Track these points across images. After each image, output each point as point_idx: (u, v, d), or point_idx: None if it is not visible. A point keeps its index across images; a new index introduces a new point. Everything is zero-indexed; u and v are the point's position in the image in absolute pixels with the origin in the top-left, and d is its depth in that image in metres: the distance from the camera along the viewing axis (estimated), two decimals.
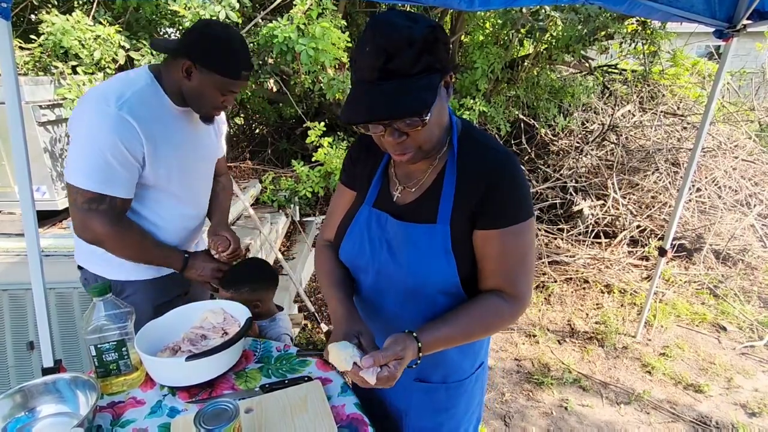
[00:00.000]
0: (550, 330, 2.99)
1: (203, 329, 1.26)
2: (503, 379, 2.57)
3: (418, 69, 0.77)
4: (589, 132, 4.67)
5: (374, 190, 1.01)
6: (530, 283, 0.94)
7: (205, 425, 0.87)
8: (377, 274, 0.99)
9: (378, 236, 0.97)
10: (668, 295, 3.29)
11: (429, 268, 0.90)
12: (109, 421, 1.08)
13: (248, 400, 1.10)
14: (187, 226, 1.52)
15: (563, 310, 3.19)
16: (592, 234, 3.88)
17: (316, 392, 1.11)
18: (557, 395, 2.45)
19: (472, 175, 0.88)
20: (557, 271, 3.55)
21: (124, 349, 1.14)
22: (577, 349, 2.82)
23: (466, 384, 1.07)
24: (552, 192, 4.22)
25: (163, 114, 1.32)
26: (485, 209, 0.87)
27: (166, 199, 1.40)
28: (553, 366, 2.66)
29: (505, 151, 0.89)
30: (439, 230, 0.89)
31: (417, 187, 0.95)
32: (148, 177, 1.32)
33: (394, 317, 1.01)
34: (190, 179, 1.45)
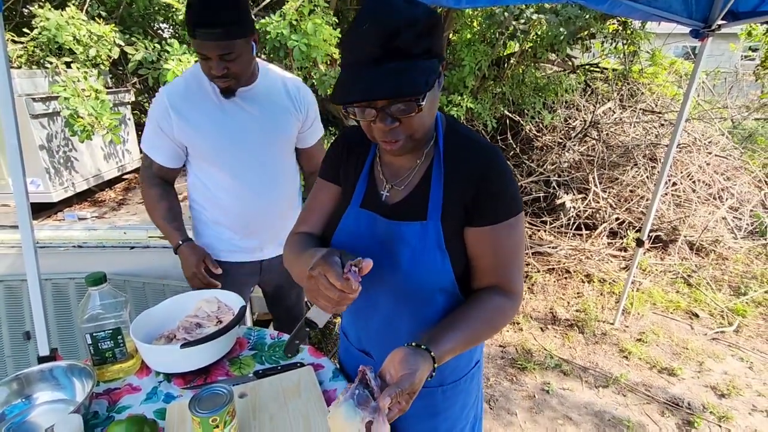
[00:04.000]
0: (533, 318, 3.03)
1: (198, 318, 1.26)
2: (488, 364, 2.60)
3: (420, 50, 0.73)
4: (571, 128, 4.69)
5: (360, 191, 0.95)
6: (522, 278, 0.91)
7: (200, 409, 0.87)
8: (369, 275, 0.88)
9: (368, 237, 0.91)
10: (645, 284, 3.34)
11: (424, 266, 0.86)
12: (105, 408, 1.07)
13: (242, 386, 1.10)
14: (241, 208, 1.48)
15: (546, 298, 3.22)
16: (574, 226, 3.91)
17: (309, 377, 1.11)
18: (539, 379, 2.49)
19: (461, 171, 0.85)
20: (540, 262, 3.58)
21: (119, 337, 1.13)
22: (559, 335, 2.86)
23: (461, 384, 1.03)
24: (536, 186, 4.24)
25: (200, 94, 1.39)
26: (477, 205, 0.84)
27: (218, 173, 1.44)
28: (535, 352, 2.70)
29: (491, 146, 0.87)
30: (431, 227, 0.86)
31: (405, 185, 0.91)
32: (194, 151, 1.42)
33: (390, 318, 0.96)
34: (241, 159, 1.42)
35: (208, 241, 1.55)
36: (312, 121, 1.54)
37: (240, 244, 1.54)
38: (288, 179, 1.54)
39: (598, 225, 3.93)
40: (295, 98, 1.47)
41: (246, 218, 1.50)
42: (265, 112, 1.43)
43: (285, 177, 1.53)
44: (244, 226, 1.51)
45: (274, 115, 1.45)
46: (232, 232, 1.52)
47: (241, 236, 1.53)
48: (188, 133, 1.39)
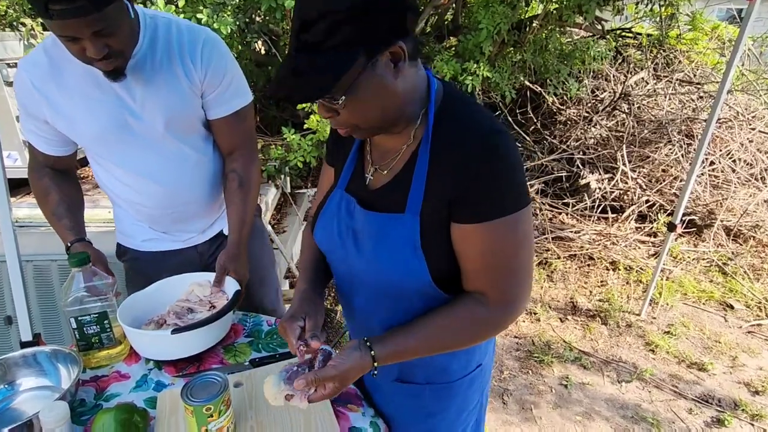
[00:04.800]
0: (552, 307, 3.04)
1: (189, 302, 1.27)
2: (503, 356, 2.63)
3: (332, 43, 0.70)
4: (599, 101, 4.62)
5: (348, 171, 0.95)
6: (522, 286, 0.84)
7: (193, 398, 0.89)
8: (346, 266, 0.94)
9: (346, 225, 0.90)
10: (675, 273, 3.34)
11: (395, 264, 0.83)
12: (92, 395, 1.09)
13: (237, 374, 1.12)
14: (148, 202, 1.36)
15: (566, 287, 3.23)
16: (599, 209, 3.89)
17: None
18: (558, 373, 2.51)
19: (447, 157, 0.79)
20: (561, 248, 3.58)
21: (106, 321, 1.14)
22: (580, 326, 2.87)
23: (456, 387, 1.01)
24: (558, 164, 4.21)
25: (67, 71, 1.19)
26: (461, 198, 0.78)
27: (111, 166, 1.33)
28: (554, 344, 2.72)
29: (490, 127, 0.78)
30: (407, 222, 0.82)
31: (389, 169, 0.88)
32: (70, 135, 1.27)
33: (367, 315, 0.97)
34: (131, 150, 1.27)
35: (126, 229, 1.48)
36: (218, 86, 1.27)
37: (161, 234, 1.45)
38: (204, 164, 1.36)
39: (625, 208, 3.90)
40: (190, 58, 1.22)
41: (156, 213, 1.40)
42: (151, 86, 1.20)
43: (196, 161, 1.34)
44: (157, 221, 1.42)
45: (165, 88, 1.21)
46: (149, 226, 1.45)
47: (160, 228, 1.45)
48: (59, 122, 1.24)
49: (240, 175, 1.38)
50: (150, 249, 1.48)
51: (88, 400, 1.08)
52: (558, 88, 4.44)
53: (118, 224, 1.52)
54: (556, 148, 4.28)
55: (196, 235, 1.48)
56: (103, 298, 1.13)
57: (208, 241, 1.51)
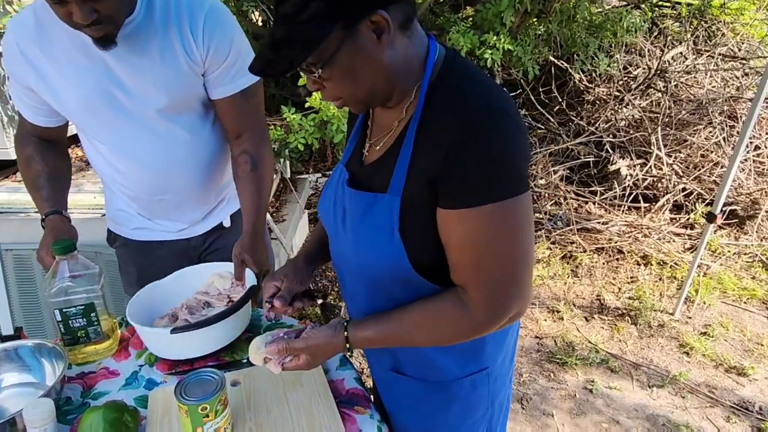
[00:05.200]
0: (577, 305, 3.04)
1: (208, 295, 1.29)
2: (521, 358, 2.63)
3: (307, 15, 0.73)
4: (631, 78, 4.57)
5: (350, 145, 1.00)
6: (511, 288, 0.82)
7: (188, 396, 0.90)
8: (336, 244, 1.00)
9: (340, 200, 0.95)
10: (714, 268, 3.32)
11: (373, 247, 0.86)
12: (79, 393, 1.11)
13: (235, 372, 1.13)
14: (139, 190, 1.37)
15: (592, 283, 3.23)
16: (630, 198, 3.86)
17: None
18: (582, 377, 2.52)
19: (433, 135, 0.80)
20: (587, 240, 3.57)
21: (93, 314, 1.16)
22: (607, 326, 2.87)
23: (453, 388, 1.01)
24: (585, 149, 4.18)
25: (55, 36, 1.18)
26: (443, 181, 0.78)
27: (99, 146, 1.33)
28: (578, 345, 2.72)
29: (485, 104, 0.77)
30: (386, 203, 0.84)
31: (381, 145, 0.91)
32: (53, 104, 1.27)
33: (354, 298, 1.02)
34: (122, 128, 1.26)
35: (116, 215, 1.49)
36: (222, 63, 1.24)
37: (151, 223, 1.46)
38: (199, 147, 1.34)
39: (659, 196, 3.88)
40: (191, 32, 1.19)
41: (144, 199, 1.40)
42: (144, 58, 1.18)
43: (189, 143, 1.31)
44: (145, 208, 1.43)
45: (159, 62, 1.19)
46: (138, 212, 1.45)
47: (151, 217, 1.45)
48: (43, 89, 1.23)
49: (252, 156, 1.35)
50: (140, 238, 1.49)
51: (74, 398, 1.10)
52: (586, 63, 4.39)
53: (109, 209, 1.53)
54: (583, 131, 4.24)
55: (188, 227, 1.48)
56: (89, 289, 1.15)
57: (203, 236, 1.51)
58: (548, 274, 3.30)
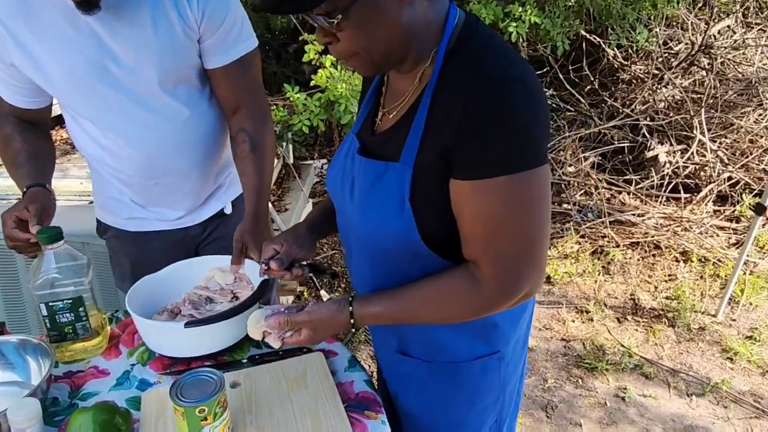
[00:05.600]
0: (608, 305, 3.03)
1: (208, 290, 1.30)
2: (547, 362, 2.64)
3: None
4: (672, 55, 4.51)
5: (363, 113, 1.04)
6: (524, 265, 0.86)
7: (185, 398, 0.91)
8: (343, 215, 1.05)
9: (349, 170, 0.99)
10: (762, 266, 3.28)
11: (381, 218, 0.90)
12: (66, 393, 1.13)
13: (234, 373, 1.14)
14: (129, 171, 1.37)
15: (626, 281, 3.22)
16: (669, 187, 3.84)
17: (318, 366, 1.14)
18: (613, 383, 2.51)
19: (449, 102, 0.83)
20: (621, 234, 3.55)
21: (81, 308, 1.17)
22: (641, 329, 2.86)
23: (462, 371, 1.05)
24: (619, 133, 4.15)
25: (38, 4, 1.19)
26: (457, 150, 0.82)
27: (87, 123, 1.33)
28: (609, 348, 2.72)
29: (503, 71, 0.81)
30: (399, 172, 0.87)
31: (395, 112, 0.94)
32: (39, 81, 1.27)
33: (359, 271, 1.07)
34: (111, 104, 1.27)
35: (106, 203, 1.49)
36: (218, 29, 1.26)
37: (146, 211, 1.47)
38: (196, 123, 1.36)
39: (702, 186, 3.85)
40: None
41: (136, 183, 1.40)
42: (136, 26, 1.19)
43: (185, 120, 1.33)
44: (138, 193, 1.43)
45: (152, 29, 1.20)
46: (131, 199, 1.45)
47: (146, 204, 1.46)
48: (27, 65, 1.23)
49: (250, 135, 1.38)
50: (134, 228, 1.50)
51: (61, 398, 1.11)
52: (622, 38, 4.34)
53: (98, 197, 1.54)
54: (618, 113, 4.20)
55: (185, 215, 1.49)
56: (77, 282, 1.16)
57: (202, 224, 1.52)
58: (577, 271, 3.29)
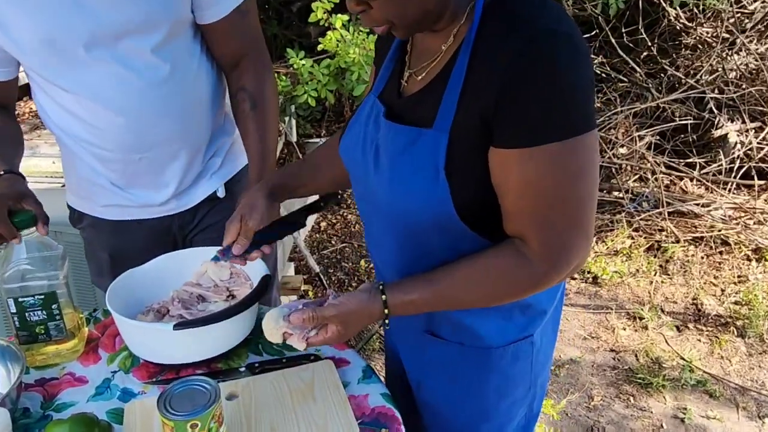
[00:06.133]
0: (666, 311, 3.02)
1: (201, 287, 1.30)
2: (593, 377, 2.63)
3: None
4: (746, 15, 4.42)
5: (384, 74, 1.08)
6: (575, 234, 0.91)
7: (174, 410, 0.91)
8: (365, 186, 1.08)
9: (371, 137, 1.03)
10: None
11: (412, 189, 0.94)
12: (39, 403, 1.14)
13: (231, 383, 1.14)
14: (109, 145, 1.38)
15: (687, 282, 3.20)
16: (740, 173, 3.81)
17: (328, 376, 1.14)
18: (671, 402, 2.50)
19: (488, 62, 0.86)
20: (681, 227, 3.53)
21: (54, 306, 1.18)
22: (705, 339, 2.85)
23: (493, 357, 1.10)
24: (681, 108, 4.10)
25: None
26: (499, 116, 0.85)
27: (60, 91, 1.34)
28: (667, 361, 2.71)
29: (545, 27, 0.84)
30: (433, 139, 0.91)
31: (425, 74, 0.97)
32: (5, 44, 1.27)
33: (383, 247, 1.12)
34: (90, 66, 1.28)
35: (80, 188, 1.51)
36: None
37: (127, 196, 1.47)
38: (186, 84, 1.37)
39: None
40: None
41: (117, 159, 1.40)
42: None
43: (175, 80, 1.35)
44: (119, 172, 1.43)
45: None
46: (110, 181, 1.45)
47: (126, 186, 1.46)
48: None
49: (251, 93, 1.43)
50: (113, 217, 1.51)
51: (33, 409, 1.12)
52: None
53: (70, 181, 1.55)
54: (680, 84, 4.16)
55: (172, 200, 1.49)
56: (51, 275, 1.17)
57: (192, 210, 1.52)
58: (629, 270, 3.27)
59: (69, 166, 1.52)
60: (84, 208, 1.54)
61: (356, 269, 3.36)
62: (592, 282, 3.23)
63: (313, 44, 3.48)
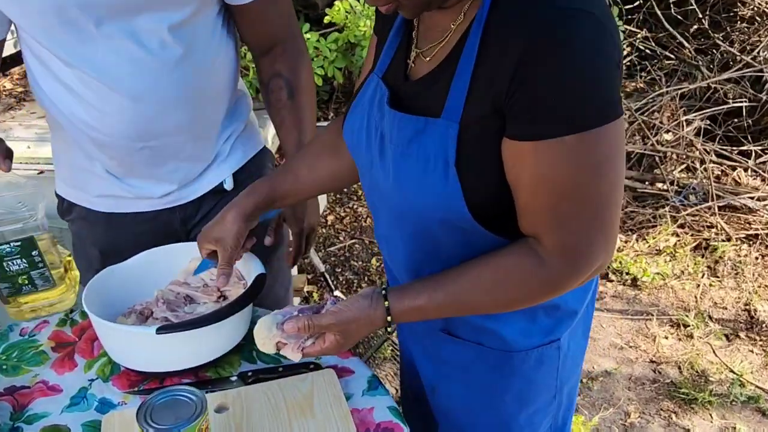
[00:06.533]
0: (714, 318, 3.01)
1: (189, 287, 1.31)
2: (629, 391, 2.63)
3: None
4: None
5: (388, 53, 1.07)
6: (596, 232, 0.92)
7: (157, 422, 0.91)
8: (370, 177, 1.09)
9: (375, 124, 1.03)
10: None
11: (419, 183, 0.94)
12: (8, 414, 1.15)
13: (220, 394, 1.15)
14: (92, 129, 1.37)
15: (738, 286, 3.19)
16: None
17: (329, 387, 1.15)
18: (718, 421, 2.49)
19: (501, 43, 0.84)
20: (733, 223, 3.51)
21: (34, 252, 1.16)
22: (759, 350, 2.84)
23: (514, 361, 1.12)
24: (735, 88, 4.06)
25: None
26: (512, 104, 0.84)
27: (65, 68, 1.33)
28: (714, 375, 2.70)
29: (566, 6, 0.81)
30: (442, 129, 0.91)
31: (433, 55, 0.97)
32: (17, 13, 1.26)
33: (390, 242, 1.14)
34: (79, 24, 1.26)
35: (72, 175, 1.51)
36: None
37: (125, 186, 1.48)
38: (202, 69, 1.39)
39: None
40: None
41: (120, 146, 1.40)
42: None
43: (191, 61, 1.36)
44: (120, 160, 1.43)
45: None
46: (106, 169, 1.46)
47: (125, 176, 1.47)
48: None
49: (287, 80, 1.45)
50: (107, 209, 1.50)
51: (1, 420, 1.13)
52: None
53: (60, 167, 1.54)
54: (734, 62, 4.13)
55: (176, 190, 1.49)
56: (25, 218, 1.15)
57: (195, 202, 1.52)
58: (673, 272, 3.26)
59: (60, 150, 1.52)
60: (75, 198, 1.53)
61: (367, 268, 3.36)
62: (631, 285, 3.21)
63: (320, 16, 3.48)
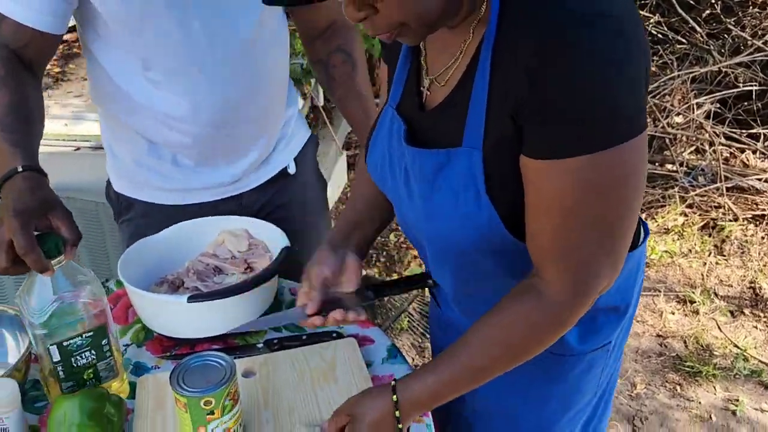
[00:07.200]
0: (720, 295, 2.99)
1: (217, 258, 1.32)
2: (636, 363, 2.63)
3: None
4: None
5: (399, 82, 1.00)
6: (601, 262, 0.85)
7: (188, 386, 0.92)
8: (401, 213, 1.04)
9: (398, 158, 0.97)
10: None
11: (452, 217, 0.88)
12: None
13: (248, 360, 1.16)
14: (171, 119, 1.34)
15: (744, 264, 3.16)
16: None
17: (350, 354, 1.16)
18: (722, 393, 2.49)
19: (513, 56, 0.78)
20: (740, 204, 3.47)
21: (104, 341, 1.06)
22: (763, 325, 2.82)
23: (565, 366, 1.07)
24: (746, 72, 3.98)
25: None
26: (523, 119, 0.79)
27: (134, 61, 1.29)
28: (718, 349, 2.69)
29: (579, 14, 0.73)
30: (465, 159, 0.84)
31: (447, 79, 0.90)
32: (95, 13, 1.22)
33: (438, 272, 1.07)
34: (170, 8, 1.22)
35: (134, 171, 1.45)
36: None
37: (194, 176, 1.45)
38: (278, 53, 1.39)
39: None
40: None
41: (212, 138, 1.37)
42: None
43: (274, 50, 1.37)
44: (205, 149, 1.41)
45: None
46: (171, 155, 1.42)
47: (199, 163, 1.43)
48: None
49: (349, 54, 1.43)
50: (171, 202, 1.46)
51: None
52: None
53: (121, 162, 1.47)
54: (745, 46, 4.05)
55: (242, 178, 1.46)
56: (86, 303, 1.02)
57: (258, 189, 1.49)
58: (681, 250, 3.23)
59: (121, 142, 1.46)
60: (137, 195, 1.49)
61: (385, 243, 3.37)
62: None
63: None
